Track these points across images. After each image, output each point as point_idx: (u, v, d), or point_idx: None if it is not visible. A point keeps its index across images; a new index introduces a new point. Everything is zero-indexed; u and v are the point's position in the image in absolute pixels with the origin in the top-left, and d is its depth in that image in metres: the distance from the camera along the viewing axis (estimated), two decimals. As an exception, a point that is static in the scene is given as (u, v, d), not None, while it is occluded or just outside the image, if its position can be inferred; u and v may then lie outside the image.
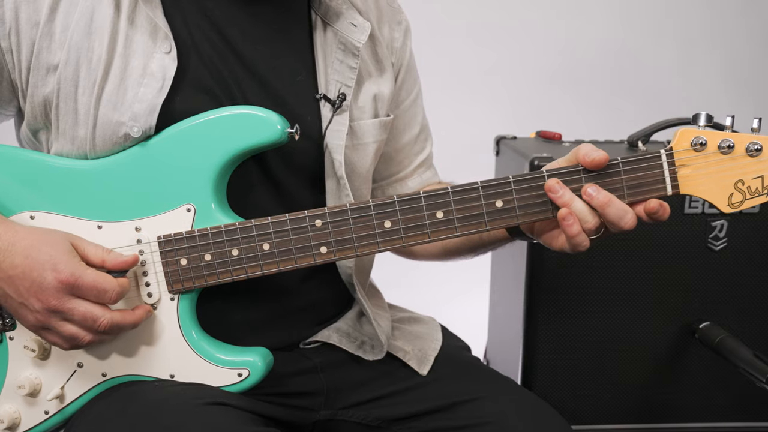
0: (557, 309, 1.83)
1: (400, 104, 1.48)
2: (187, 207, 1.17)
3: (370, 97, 1.36)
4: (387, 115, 1.41)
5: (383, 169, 1.49)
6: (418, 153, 1.53)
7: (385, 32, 1.43)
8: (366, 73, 1.37)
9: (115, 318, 1.12)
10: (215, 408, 1.13)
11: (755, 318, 1.85)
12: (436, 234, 1.15)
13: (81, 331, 1.12)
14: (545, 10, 3.12)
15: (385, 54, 1.41)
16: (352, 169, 1.33)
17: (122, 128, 1.17)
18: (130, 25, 1.19)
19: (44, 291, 1.09)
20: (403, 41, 1.46)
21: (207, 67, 1.23)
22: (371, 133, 1.36)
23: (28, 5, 1.17)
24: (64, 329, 1.12)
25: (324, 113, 1.30)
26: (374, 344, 1.38)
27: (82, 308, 1.10)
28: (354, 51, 1.32)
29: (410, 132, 1.51)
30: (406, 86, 1.49)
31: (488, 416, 1.26)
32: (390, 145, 1.47)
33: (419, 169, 1.53)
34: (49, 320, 1.11)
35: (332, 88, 1.31)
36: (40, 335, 1.16)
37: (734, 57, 3.19)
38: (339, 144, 1.29)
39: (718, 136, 1.12)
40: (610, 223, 1.13)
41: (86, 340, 1.12)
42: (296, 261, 1.16)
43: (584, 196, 1.12)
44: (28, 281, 1.10)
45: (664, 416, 1.88)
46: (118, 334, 1.17)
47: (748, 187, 1.13)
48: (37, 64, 1.18)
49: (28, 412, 1.23)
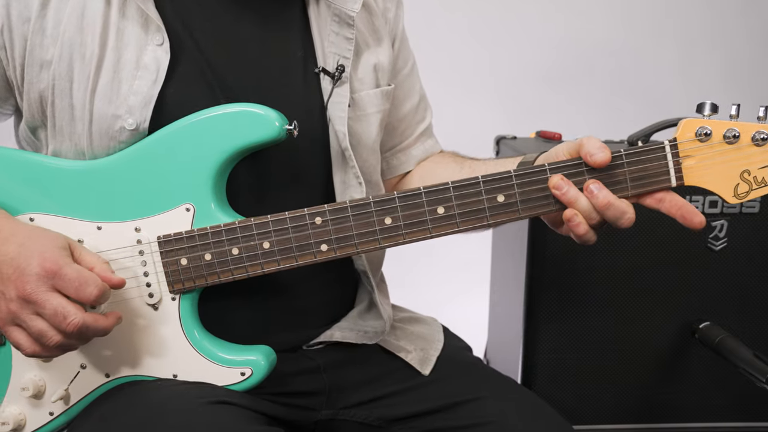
0: (557, 309, 1.83)
1: (398, 74, 1.48)
2: (187, 206, 1.17)
3: (370, 68, 1.36)
4: (388, 84, 1.41)
5: (386, 141, 1.49)
6: (419, 122, 1.53)
7: (379, 2, 1.43)
8: (364, 43, 1.37)
9: (87, 320, 1.07)
10: (219, 407, 1.13)
11: (755, 318, 1.85)
12: (437, 230, 1.15)
13: (50, 330, 1.07)
14: (545, 10, 3.11)
15: (381, 24, 1.41)
16: (357, 141, 1.33)
17: (118, 122, 1.17)
18: (121, 18, 1.18)
19: (24, 276, 1.07)
20: (396, 12, 1.46)
21: (201, 57, 1.22)
22: (374, 104, 1.36)
23: (19, 2, 1.17)
24: (33, 324, 1.07)
25: (324, 87, 1.30)
26: (377, 331, 1.38)
27: (55, 302, 1.06)
28: (348, 21, 1.31)
29: (410, 101, 1.51)
30: (402, 56, 1.49)
31: (489, 416, 1.26)
32: (392, 116, 1.47)
33: (421, 138, 1.53)
34: (21, 311, 1.08)
35: (330, 61, 1.31)
36: (6, 333, 1.11)
37: (734, 57, 3.19)
38: (341, 116, 1.29)
39: (724, 126, 1.11)
40: (609, 221, 1.13)
41: (54, 341, 1.07)
42: (297, 259, 1.16)
43: (585, 192, 1.12)
44: (13, 267, 1.08)
45: (664, 416, 1.88)
46: (86, 341, 1.13)
47: (755, 177, 1.11)
48: (30, 61, 1.18)
49: (33, 414, 1.22)
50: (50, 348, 1.09)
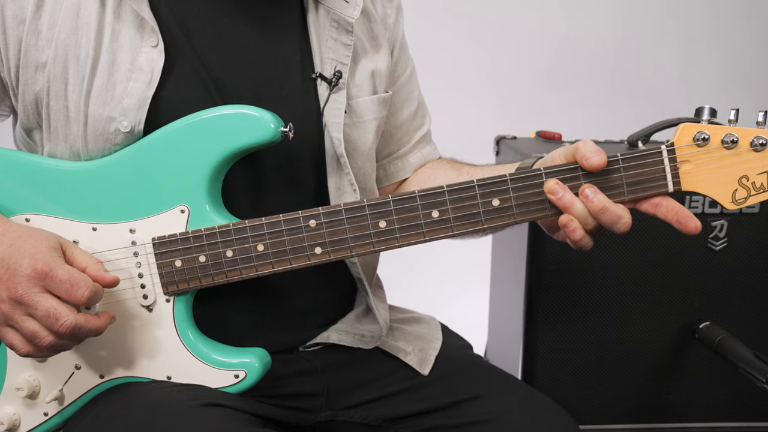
0: (557, 309, 1.82)
1: (396, 80, 1.47)
2: (182, 208, 1.17)
3: (367, 74, 1.36)
4: (386, 91, 1.40)
5: (383, 148, 1.48)
6: (417, 129, 1.52)
7: (378, 8, 1.42)
8: (362, 50, 1.36)
9: (79, 320, 1.07)
10: (212, 409, 1.13)
11: (755, 318, 1.84)
12: (431, 233, 1.15)
13: (42, 331, 1.07)
14: (546, 10, 3.11)
15: (380, 30, 1.40)
16: (353, 147, 1.32)
17: (113, 124, 1.17)
18: (116, 20, 1.18)
19: (15, 278, 1.07)
20: (396, 18, 1.46)
21: (196, 59, 1.22)
22: (370, 110, 1.36)
23: (14, 2, 1.17)
24: (26, 325, 1.07)
25: (321, 92, 1.30)
26: (373, 336, 1.38)
27: (47, 303, 1.06)
28: (347, 27, 1.31)
29: (408, 108, 1.50)
30: (401, 63, 1.48)
31: (492, 413, 1.26)
32: (389, 123, 1.46)
33: (419, 145, 1.53)
34: (13, 313, 1.08)
35: (328, 67, 1.30)
36: (0, 333, 1.11)
37: (734, 57, 3.19)
38: (337, 122, 1.28)
39: (722, 131, 1.09)
40: (605, 226, 1.12)
41: (46, 342, 1.07)
42: (291, 262, 1.16)
43: (581, 196, 1.11)
44: (4, 268, 1.08)
45: (664, 416, 1.87)
46: (79, 341, 1.13)
47: (753, 183, 1.10)
48: (25, 62, 1.18)
49: (28, 414, 1.22)
50: (43, 348, 1.09)
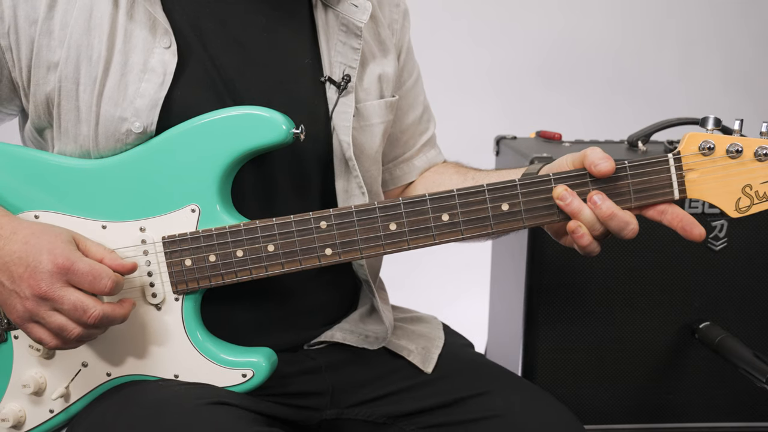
0: (557, 309, 1.83)
1: (402, 85, 1.48)
2: (192, 207, 1.18)
3: (375, 78, 1.37)
4: (392, 95, 1.41)
5: (389, 151, 1.49)
6: (422, 133, 1.54)
7: (386, 13, 1.43)
8: (370, 54, 1.37)
9: (106, 310, 1.09)
10: (218, 408, 1.13)
11: (755, 318, 1.85)
12: (441, 237, 1.16)
13: (70, 323, 1.08)
14: (545, 10, 3.12)
15: (387, 35, 1.41)
16: (360, 151, 1.33)
17: (124, 124, 1.17)
18: (129, 20, 1.18)
19: (37, 275, 1.08)
20: (403, 23, 1.47)
21: (208, 60, 1.23)
22: (378, 114, 1.37)
23: (26, 3, 1.17)
24: (53, 320, 1.09)
25: (330, 96, 1.31)
26: (378, 336, 1.38)
27: (73, 297, 1.08)
28: (356, 32, 1.32)
29: (414, 112, 1.51)
30: (407, 67, 1.50)
31: (496, 410, 1.27)
32: (395, 127, 1.47)
33: (424, 148, 1.54)
34: (38, 309, 1.09)
35: (336, 71, 1.31)
36: (26, 330, 1.12)
37: (734, 58, 3.20)
38: (346, 126, 1.29)
39: (727, 141, 1.11)
40: (612, 232, 1.14)
41: (75, 334, 1.09)
42: (301, 262, 1.17)
43: (589, 203, 1.13)
44: (23, 266, 1.09)
45: (664, 416, 1.88)
46: (105, 330, 1.14)
47: (756, 192, 1.12)
48: (37, 62, 1.18)
49: (33, 411, 1.23)
50: (72, 341, 1.11)
